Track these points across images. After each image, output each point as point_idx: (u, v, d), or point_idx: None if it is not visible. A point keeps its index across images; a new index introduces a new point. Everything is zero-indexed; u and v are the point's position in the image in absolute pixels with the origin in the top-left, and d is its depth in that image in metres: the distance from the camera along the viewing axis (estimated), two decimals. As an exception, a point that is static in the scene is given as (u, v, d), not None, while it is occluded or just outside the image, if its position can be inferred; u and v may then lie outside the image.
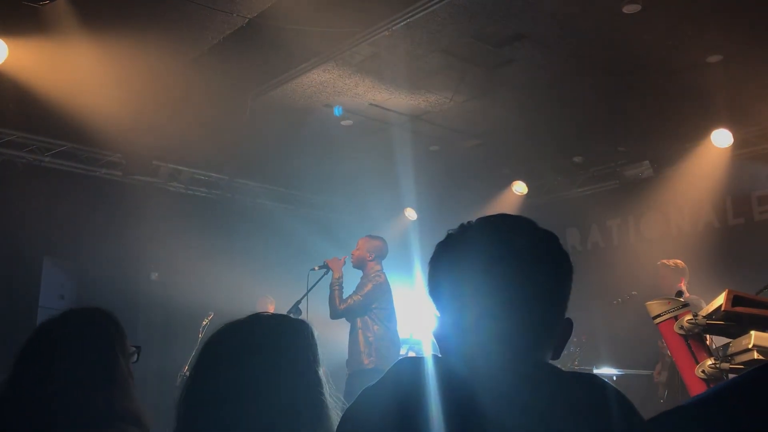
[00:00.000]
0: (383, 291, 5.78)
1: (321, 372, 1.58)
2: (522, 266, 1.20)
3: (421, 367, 1.20)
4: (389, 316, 5.79)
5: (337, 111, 7.02)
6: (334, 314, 5.73)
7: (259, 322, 1.63)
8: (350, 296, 5.71)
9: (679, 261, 6.11)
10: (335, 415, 1.51)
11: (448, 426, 1.09)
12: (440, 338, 1.27)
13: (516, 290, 1.19)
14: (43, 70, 5.82)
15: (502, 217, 1.30)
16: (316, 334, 1.63)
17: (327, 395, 1.55)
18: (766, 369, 0.80)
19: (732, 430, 0.77)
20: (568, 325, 1.24)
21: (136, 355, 2.03)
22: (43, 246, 7.37)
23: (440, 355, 1.24)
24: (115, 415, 1.82)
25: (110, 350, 1.92)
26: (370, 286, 5.72)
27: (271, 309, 7.43)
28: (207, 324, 7.45)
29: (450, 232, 1.29)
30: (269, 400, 1.47)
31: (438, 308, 1.28)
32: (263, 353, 1.54)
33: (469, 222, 1.29)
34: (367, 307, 5.67)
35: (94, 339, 1.91)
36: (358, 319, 5.69)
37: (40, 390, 1.80)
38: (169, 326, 7.78)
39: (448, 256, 1.27)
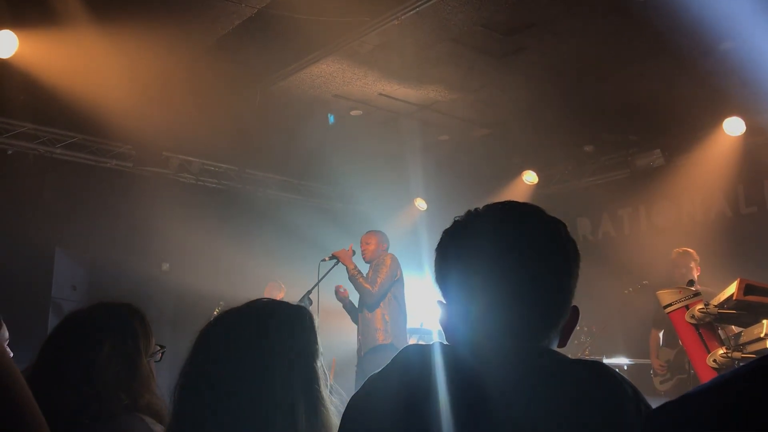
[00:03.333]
0: (399, 263, 5.82)
1: (317, 364, 1.53)
2: (530, 255, 1.20)
3: (428, 354, 1.20)
4: (403, 290, 5.83)
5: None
6: (371, 298, 5.65)
7: (252, 308, 1.59)
8: (377, 276, 5.69)
9: (692, 250, 6.08)
10: (332, 408, 1.48)
11: (456, 414, 1.09)
12: (447, 327, 1.27)
13: (524, 279, 1.18)
14: (53, 61, 5.83)
15: (510, 205, 1.29)
16: (316, 321, 1.58)
17: (323, 388, 1.51)
18: None
19: (739, 419, 0.76)
20: (575, 312, 1.24)
21: (159, 354, 2.03)
22: (55, 237, 7.41)
23: (447, 343, 1.24)
24: (134, 406, 1.83)
25: (134, 346, 1.92)
26: (388, 260, 5.76)
27: (280, 296, 7.46)
28: (218, 314, 7.48)
29: (457, 219, 1.29)
30: (260, 388, 1.44)
31: (445, 297, 1.27)
32: (254, 341, 1.50)
33: (476, 209, 1.29)
34: (393, 280, 5.69)
35: (118, 333, 1.92)
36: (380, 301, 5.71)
37: (62, 378, 1.82)
38: (180, 316, 7.81)
39: (456, 244, 1.26)
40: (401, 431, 1.13)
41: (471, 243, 1.24)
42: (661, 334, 6.33)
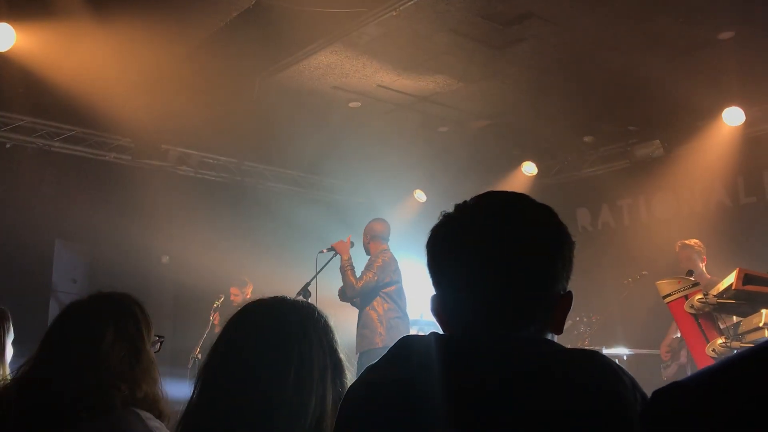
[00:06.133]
0: (393, 266, 5.83)
1: (344, 359, 1.60)
2: (516, 243, 1.21)
3: (423, 344, 1.21)
4: (399, 292, 5.84)
5: None
6: (352, 293, 5.74)
7: (289, 303, 1.63)
8: (363, 274, 5.74)
9: (693, 241, 6.08)
10: None
11: (451, 403, 1.09)
12: (441, 318, 1.29)
13: (512, 267, 1.19)
14: (50, 54, 5.81)
15: (497, 194, 1.30)
16: (332, 323, 1.64)
17: (347, 381, 1.57)
18: None
19: (739, 400, 0.76)
20: (568, 298, 1.25)
21: (158, 345, 2.04)
22: (55, 230, 7.41)
23: (442, 333, 1.25)
24: (132, 398, 1.83)
25: (137, 332, 1.94)
26: (380, 261, 5.78)
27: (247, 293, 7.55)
28: (217, 306, 7.51)
29: (445, 212, 1.30)
30: (302, 379, 1.49)
31: (437, 289, 1.29)
32: (300, 332, 1.54)
33: (464, 201, 1.30)
34: (381, 283, 5.71)
35: (121, 319, 1.93)
36: (371, 299, 5.73)
37: (64, 368, 1.82)
38: (180, 309, 7.83)
39: (445, 236, 1.28)
40: (398, 420, 1.13)
41: (459, 234, 1.26)
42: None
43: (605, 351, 6.37)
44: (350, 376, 1.57)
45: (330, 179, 9.80)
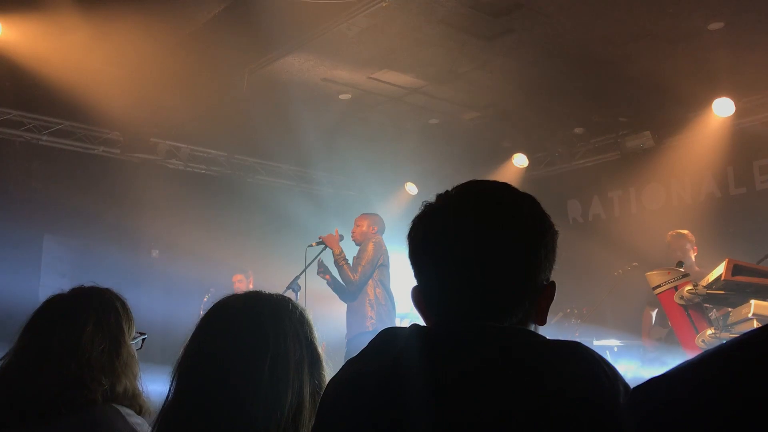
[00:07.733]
0: (383, 247, 5.83)
1: (320, 350, 1.58)
2: (502, 233, 1.19)
3: (404, 336, 1.20)
4: (387, 275, 5.84)
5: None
6: (352, 286, 5.71)
7: (263, 296, 1.61)
8: (357, 264, 5.72)
9: (686, 231, 6.09)
10: None
11: (430, 394, 1.08)
12: (422, 308, 1.28)
13: (498, 258, 1.18)
14: (38, 47, 5.77)
15: (480, 183, 1.29)
16: (309, 316, 1.63)
17: (325, 372, 1.56)
18: (753, 332, 0.79)
19: (721, 393, 0.76)
20: (551, 288, 1.23)
21: (141, 342, 2.02)
22: (43, 224, 7.37)
23: (423, 325, 1.24)
24: (112, 393, 1.81)
25: (117, 325, 1.91)
26: (371, 244, 5.78)
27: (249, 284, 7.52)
28: (207, 300, 7.48)
29: (426, 202, 1.29)
30: (277, 371, 1.47)
31: (418, 280, 1.28)
32: (274, 324, 1.53)
33: (446, 191, 1.29)
34: (376, 265, 5.70)
35: (101, 312, 1.90)
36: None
37: (43, 361, 1.80)
38: (170, 303, 7.80)
39: (424, 227, 1.27)
40: (379, 412, 1.12)
41: (439, 224, 1.25)
42: (654, 313, 6.35)
43: (596, 342, 6.39)
44: (329, 370, 1.55)
45: (320, 172, 9.77)
